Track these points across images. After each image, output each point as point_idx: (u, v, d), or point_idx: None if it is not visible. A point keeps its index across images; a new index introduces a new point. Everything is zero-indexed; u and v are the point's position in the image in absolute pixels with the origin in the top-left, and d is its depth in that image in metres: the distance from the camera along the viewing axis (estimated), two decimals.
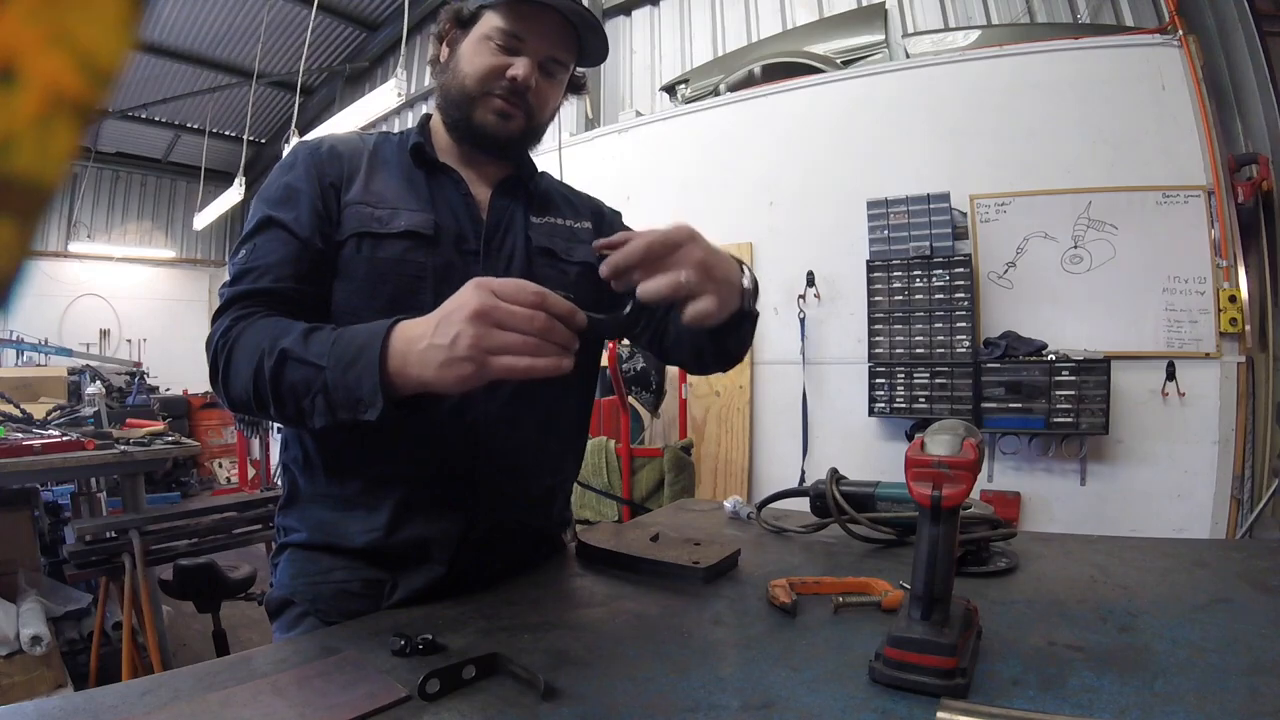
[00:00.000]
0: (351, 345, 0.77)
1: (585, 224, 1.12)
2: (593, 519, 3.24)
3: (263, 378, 0.80)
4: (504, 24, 0.96)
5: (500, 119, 0.99)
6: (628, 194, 4.48)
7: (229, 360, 0.84)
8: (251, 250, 0.92)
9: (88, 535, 2.25)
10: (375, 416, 0.75)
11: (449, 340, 0.71)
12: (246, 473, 7.35)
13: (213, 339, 0.87)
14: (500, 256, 1.01)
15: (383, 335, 0.75)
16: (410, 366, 0.73)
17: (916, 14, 4.10)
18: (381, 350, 0.74)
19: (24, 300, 2.08)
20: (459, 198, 1.01)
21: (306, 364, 0.78)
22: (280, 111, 9.05)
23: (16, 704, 0.67)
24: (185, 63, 7.54)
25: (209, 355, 0.86)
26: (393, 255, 0.93)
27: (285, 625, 0.96)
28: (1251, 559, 0.99)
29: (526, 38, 0.97)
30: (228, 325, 0.86)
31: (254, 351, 0.81)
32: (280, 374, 0.79)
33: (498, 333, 0.70)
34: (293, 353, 0.79)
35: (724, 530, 1.26)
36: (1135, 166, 3.20)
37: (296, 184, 0.95)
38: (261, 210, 0.94)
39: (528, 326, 0.70)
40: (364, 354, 0.75)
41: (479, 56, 0.98)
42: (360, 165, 0.99)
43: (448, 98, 1.02)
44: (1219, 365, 3.04)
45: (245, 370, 0.82)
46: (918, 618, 0.65)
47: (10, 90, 0.16)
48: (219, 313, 0.89)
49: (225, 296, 0.90)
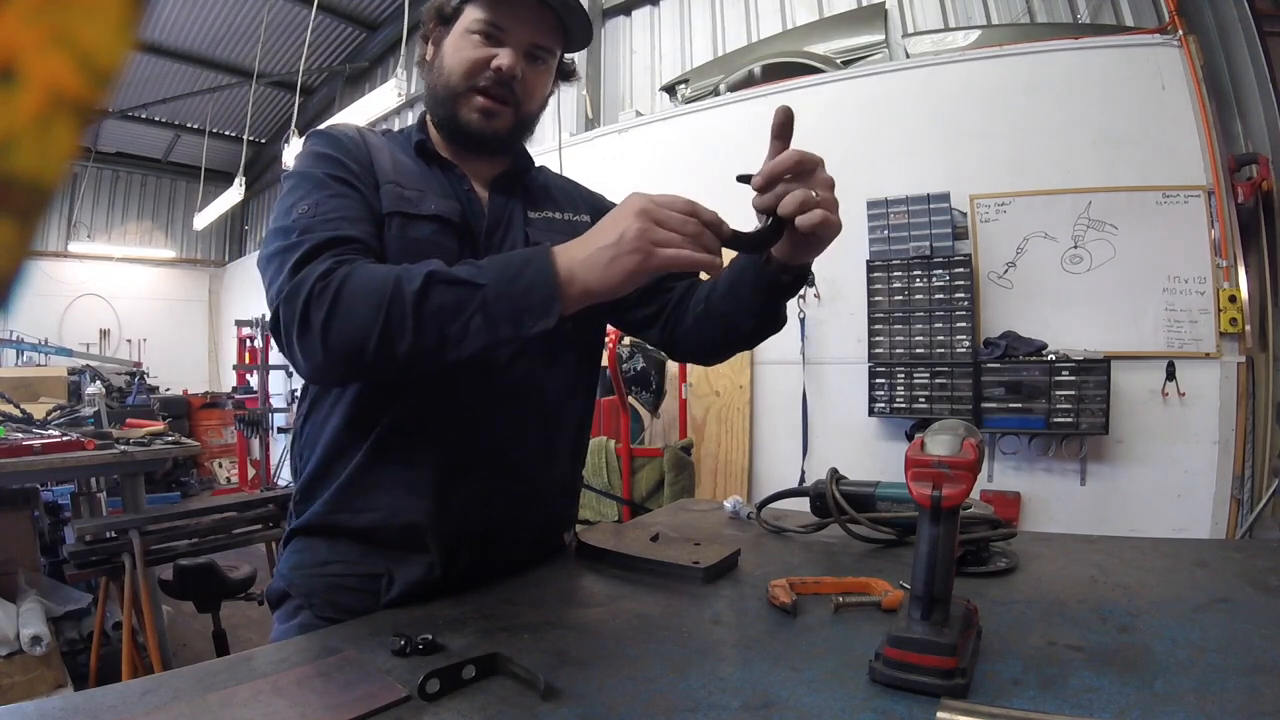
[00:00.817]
0: (510, 264, 0.79)
1: (584, 217, 1.11)
2: (593, 519, 3.24)
3: (401, 305, 0.75)
4: (484, 15, 0.96)
5: (485, 117, 0.98)
6: (628, 194, 4.49)
7: (336, 300, 0.76)
8: (316, 204, 0.86)
9: (88, 535, 2.25)
10: (550, 325, 0.77)
11: (616, 238, 0.76)
12: (246, 473, 7.35)
13: (303, 285, 0.77)
14: (501, 251, 1.00)
15: (547, 249, 0.79)
16: (577, 272, 0.77)
17: (916, 14, 4.10)
18: (549, 259, 0.78)
19: (24, 300, 2.08)
20: (464, 192, 1.02)
21: (460, 284, 0.77)
22: (280, 111, 9.05)
23: (16, 704, 0.67)
24: (185, 63, 7.55)
25: (293, 305, 0.77)
26: (423, 236, 0.94)
27: (283, 617, 0.97)
28: (1251, 559, 0.99)
29: (508, 27, 0.96)
30: (328, 268, 0.78)
31: (380, 284, 0.76)
32: (424, 297, 0.76)
33: (659, 229, 0.76)
34: (440, 275, 0.77)
35: (724, 530, 1.26)
36: (1135, 166, 3.20)
37: (339, 155, 0.94)
38: (314, 172, 0.90)
39: (683, 228, 0.76)
40: (531, 265, 0.78)
41: (462, 50, 0.97)
42: (380, 148, 1.00)
43: (434, 96, 1.02)
44: (1219, 365, 3.04)
45: (368, 303, 0.76)
46: (918, 618, 0.65)
47: (10, 90, 0.16)
48: (299, 263, 0.80)
49: (305, 245, 0.81)
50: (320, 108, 8.63)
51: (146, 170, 10.11)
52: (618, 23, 5.44)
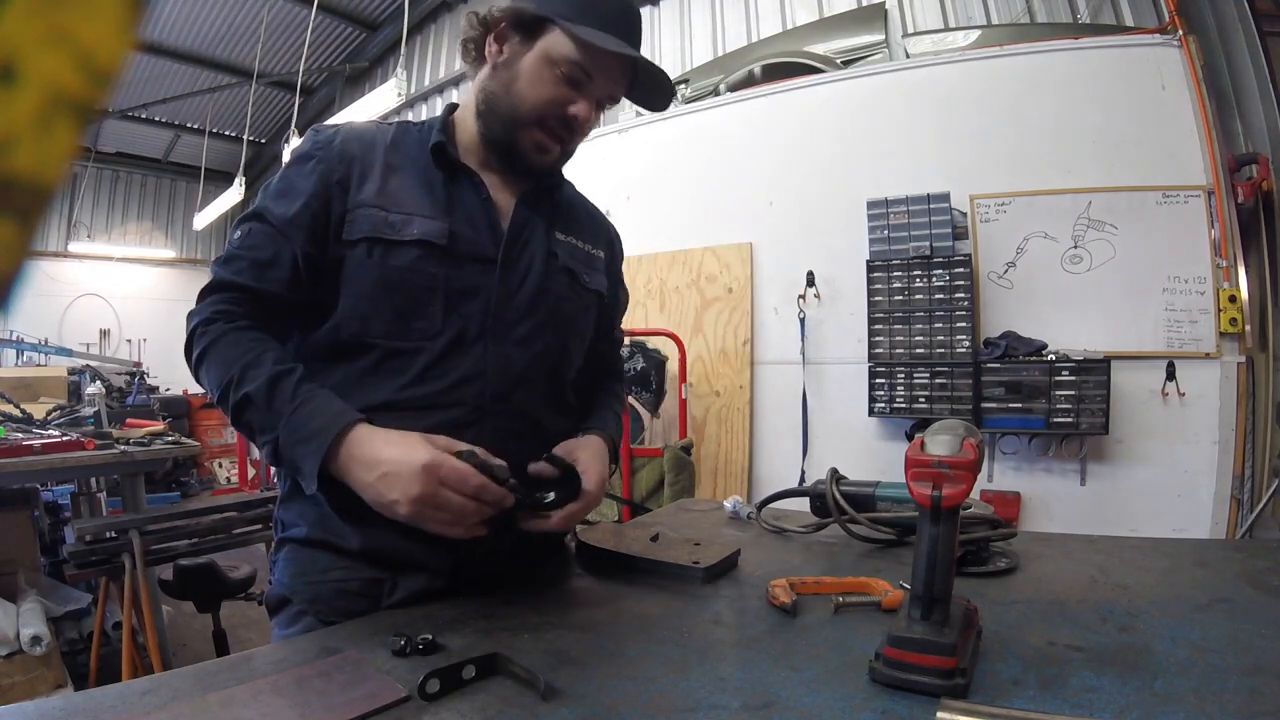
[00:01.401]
0: (308, 425, 0.84)
1: (600, 253, 1.12)
2: (593, 519, 3.24)
3: (226, 402, 0.87)
4: (576, 57, 0.92)
5: (539, 152, 0.98)
6: (628, 194, 4.49)
7: (203, 358, 0.89)
8: (246, 235, 0.93)
9: (88, 535, 2.24)
10: (309, 492, 0.84)
11: (388, 501, 0.81)
12: (246, 473, 7.35)
13: (193, 323, 0.91)
14: (518, 269, 0.98)
15: (336, 433, 0.82)
16: (349, 477, 0.83)
17: (916, 14, 4.10)
18: (331, 446, 0.82)
19: (24, 300, 2.08)
20: (478, 203, 0.98)
21: (266, 415, 0.85)
22: (280, 111, 9.05)
23: (16, 704, 0.67)
24: (185, 63, 7.55)
25: (188, 331, 0.92)
26: (403, 264, 0.91)
27: (284, 623, 0.96)
28: (1251, 559, 0.99)
29: (595, 75, 0.94)
30: (209, 316, 0.90)
31: (225, 370, 0.87)
32: (241, 410, 0.87)
33: (434, 511, 0.81)
34: (256, 401, 0.85)
35: (724, 530, 1.26)
36: (1135, 166, 3.20)
37: (299, 181, 0.93)
38: (263, 198, 0.95)
39: (461, 512, 0.81)
40: (315, 440, 0.83)
41: (541, 84, 0.94)
42: (375, 163, 0.95)
43: (494, 110, 0.97)
44: (1219, 365, 3.04)
45: (214, 380, 0.89)
46: (918, 618, 0.65)
47: (10, 90, 0.16)
48: (206, 291, 0.93)
49: (214, 276, 0.93)
50: (320, 108, 8.62)
51: (146, 170, 10.10)
52: None
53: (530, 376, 0.97)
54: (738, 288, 4.12)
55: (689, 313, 4.30)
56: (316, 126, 1.01)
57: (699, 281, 4.26)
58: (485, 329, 0.94)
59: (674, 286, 4.35)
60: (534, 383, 0.98)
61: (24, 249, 0.17)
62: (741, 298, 4.11)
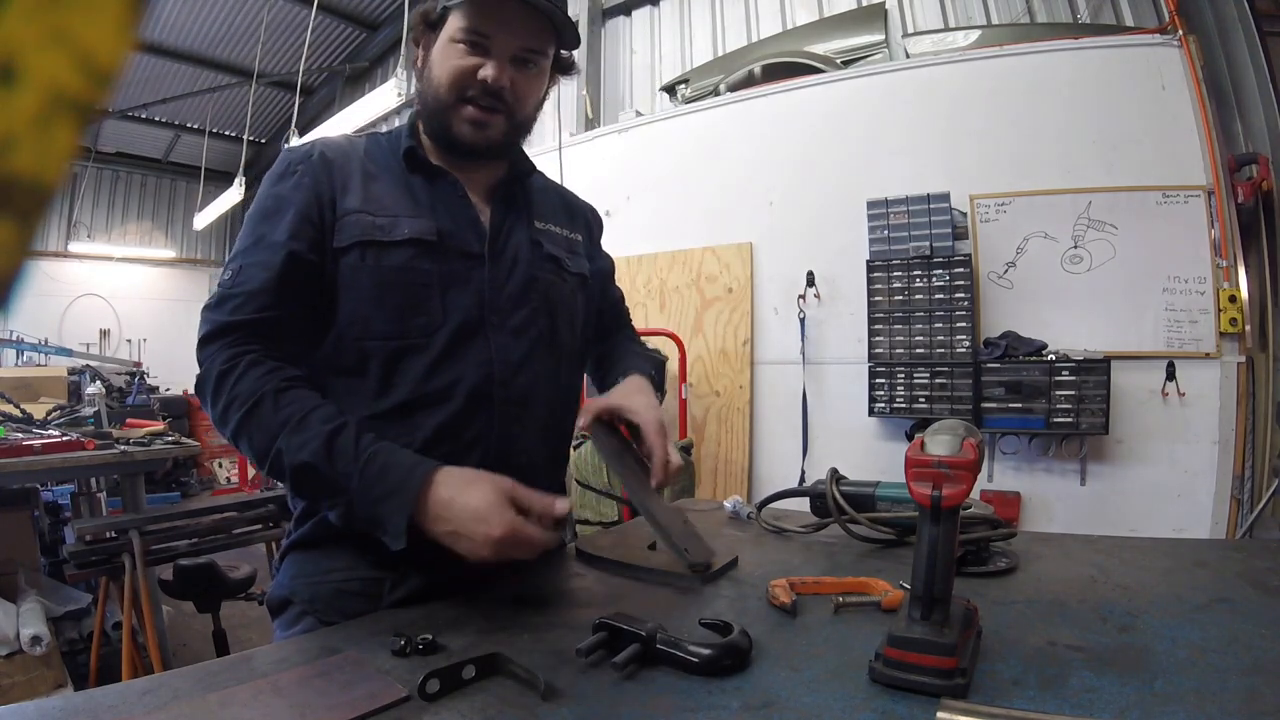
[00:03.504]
0: (384, 480, 0.83)
1: (578, 236, 1.14)
2: (592, 519, 3.24)
3: (280, 470, 0.85)
4: (467, 22, 0.94)
5: (476, 128, 0.97)
6: (628, 194, 4.48)
7: (230, 409, 0.86)
8: (238, 271, 0.91)
9: (88, 535, 2.24)
10: (395, 549, 0.82)
11: (473, 546, 0.81)
12: (246, 473, 7.34)
13: (207, 373, 0.88)
14: (504, 260, 1.00)
15: (420, 483, 0.82)
16: (436, 526, 0.82)
17: (916, 14, 4.10)
18: (418, 496, 0.81)
19: (24, 300, 2.08)
20: (457, 200, 1.00)
21: (333, 481, 0.83)
22: (280, 111, 9.04)
23: (16, 704, 0.67)
24: (185, 63, 7.54)
25: (201, 381, 0.88)
26: (397, 263, 0.93)
27: (285, 624, 0.96)
28: (1251, 559, 0.99)
29: (493, 33, 0.94)
30: (224, 366, 0.87)
31: (268, 432, 0.84)
32: (301, 480, 0.85)
33: (513, 549, 0.81)
34: (318, 468, 0.83)
35: (724, 530, 1.26)
36: (1135, 166, 3.20)
37: (286, 194, 0.94)
38: (251, 225, 0.94)
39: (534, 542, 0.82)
40: (397, 495, 0.82)
41: (448, 60, 0.96)
42: (353, 172, 0.97)
43: (426, 106, 1.00)
44: (1219, 365, 3.04)
45: (258, 444, 0.85)
46: (918, 618, 0.65)
47: (10, 90, 0.16)
48: (207, 339, 0.89)
49: (211, 324, 0.90)
50: (320, 108, 8.62)
51: (146, 170, 10.09)
52: (618, 23, 5.44)
53: (529, 363, 0.99)
54: (738, 288, 4.12)
55: (689, 313, 4.30)
56: (289, 146, 1.02)
57: (699, 281, 4.26)
58: (483, 320, 0.96)
59: (674, 286, 4.35)
60: (533, 369, 1.00)
61: (24, 249, 0.17)
62: (741, 298, 4.11)
